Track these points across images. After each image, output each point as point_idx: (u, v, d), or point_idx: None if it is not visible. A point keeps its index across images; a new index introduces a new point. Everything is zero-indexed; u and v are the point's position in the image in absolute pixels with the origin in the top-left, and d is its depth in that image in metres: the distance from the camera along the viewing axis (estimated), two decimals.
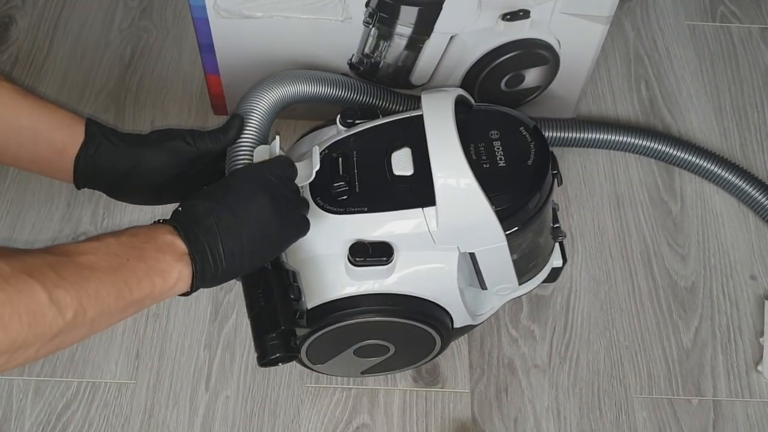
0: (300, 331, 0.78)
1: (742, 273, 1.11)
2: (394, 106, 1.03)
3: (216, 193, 0.74)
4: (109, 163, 0.81)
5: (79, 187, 0.83)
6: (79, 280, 0.62)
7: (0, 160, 0.81)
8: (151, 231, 0.70)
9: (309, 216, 0.82)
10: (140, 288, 0.66)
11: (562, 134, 1.14)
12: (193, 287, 0.71)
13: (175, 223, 0.71)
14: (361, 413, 0.99)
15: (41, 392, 0.98)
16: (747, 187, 1.13)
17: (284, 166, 0.80)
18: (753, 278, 1.10)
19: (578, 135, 1.15)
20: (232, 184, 0.75)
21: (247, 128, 0.86)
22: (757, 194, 1.12)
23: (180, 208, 0.73)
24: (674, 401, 1.01)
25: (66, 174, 0.82)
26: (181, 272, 0.69)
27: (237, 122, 0.86)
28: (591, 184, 1.18)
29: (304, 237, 0.82)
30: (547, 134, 1.14)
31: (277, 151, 0.82)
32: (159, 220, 0.73)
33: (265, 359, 0.75)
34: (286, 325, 0.75)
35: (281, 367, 1.01)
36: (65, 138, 0.80)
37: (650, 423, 0.99)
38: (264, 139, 0.87)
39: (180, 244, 0.69)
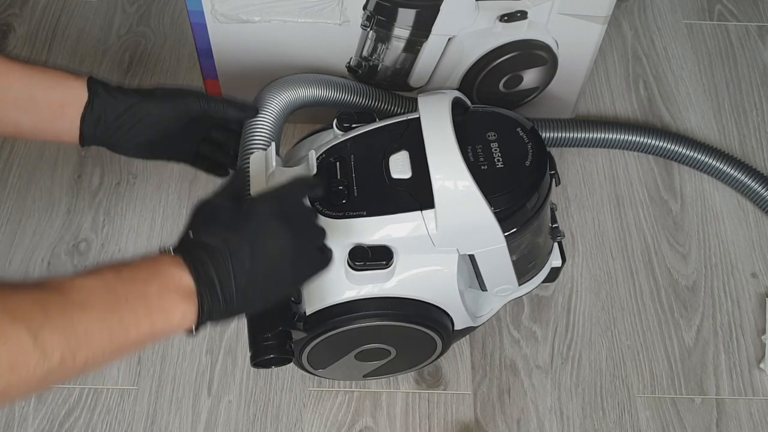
0: (297, 335, 0.78)
1: (743, 271, 1.11)
2: (402, 111, 1.03)
3: (232, 222, 0.68)
4: (115, 119, 0.80)
5: (83, 145, 0.80)
6: (69, 321, 0.57)
7: (3, 131, 0.79)
8: (156, 265, 0.63)
9: None
10: (138, 329, 0.61)
11: (561, 134, 1.14)
12: (198, 326, 0.65)
13: (185, 255, 0.65)
14: (363, 416, 0.99)
15: (43, 399, 0.98)
16: (746, 179, 1.13)
17: (307, 189, 0.75)
18: (754, 276, 1.10)
19: (576, 135, 1.15)
20: (250, 214, 0.68)
21: (263, 127, 0.87)
22: (756, 186, 1.12)
23: (191, 235, 0.67)
24: (677, 400, 1.01)
25: (69, 134, 0.79)
26: (185, 312, 0.63)
27: (253, 111, 0.87)
28: (591, 184, 1.18)
29: None
30: (546, 135, 1.14)
31: (273, 158, 0.82)
32: (166, 249, 0.66)
33: (258, 359, 0.75)
34: (283, 326, 0.75)
35: (283, 371, 1.01)
36: (63, 96, 0.78)
37: (653, 422, 0.99)
38: (277, 139, 0.88)
39: (188, 281, 0.63)
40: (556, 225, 0.93)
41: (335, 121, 0.90)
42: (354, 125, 0.89)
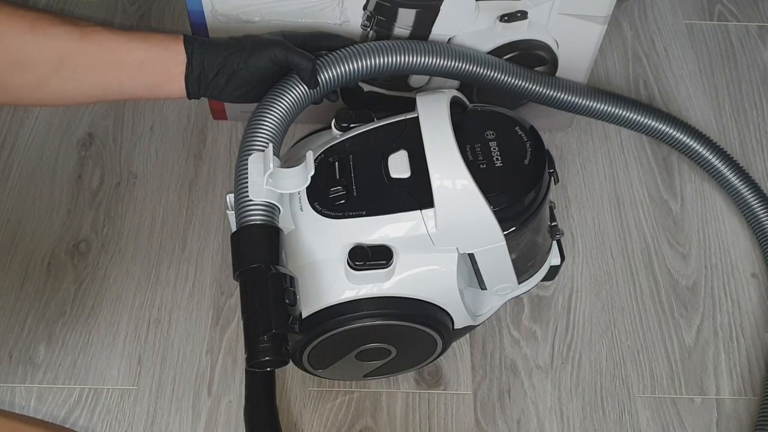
0: (292, 338, 0.78)
1: (743, 271, 1.11)
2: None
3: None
4: (213, 76, 0.86)
5: (190, 99, 0.88)
6: None
7: (121, 97, 0.88)
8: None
9: (306, 220, 0.82)
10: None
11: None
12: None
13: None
14: (363, 416, 0.99)
15: (44, 399, 0.98)
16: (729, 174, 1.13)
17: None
18: (754, 276, 1.10)
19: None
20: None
21: (263, 129, 0.86)
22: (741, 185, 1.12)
23: None
24: (677, 400, 1.01)
25: (178, 92, 0.87)
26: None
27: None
28: (591, 184, 1.18)
29: (303, 242, 0.82)
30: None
31: (271, 158, 0.82)
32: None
33: (253, 361, 0.75)
34: (277, 329, 0.74)
35: (283, 372, 1.01)
36: (168, 61, 0.85)
37: (653, 423, 0.99)
38: (279, 140, 0.87)
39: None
40: (554, 223, 0.93)
41: (333, 121, 0.90)
42: (352, 125, 0.89)
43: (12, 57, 0.80)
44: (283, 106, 0.87)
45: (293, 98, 0.87)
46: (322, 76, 0.88)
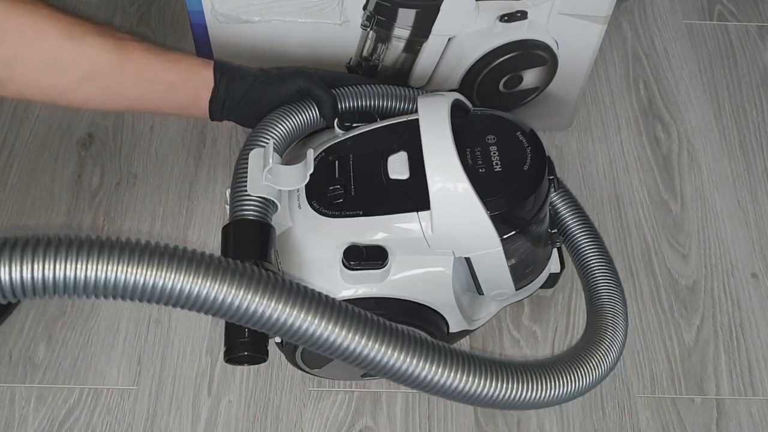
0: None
1: (743, 271, 1.11)
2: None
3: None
4: (237, 101, 0.90)
5: (213, 120, 0.92)
6: None
7: (147, 111, 0.97)
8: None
9: (303, 218, 0.82)
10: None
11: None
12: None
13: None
14: (363, 416, 0.99)
15: (43, 399, 0.98)
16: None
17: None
18: (754, 276, 1.10)
19: None
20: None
21: (269, 127, 0.87)
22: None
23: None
24: (677, 400, 1.01)
25: (202, 113, 0.91)
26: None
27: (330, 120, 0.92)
28: (591, 184, 1.18)
29: (299, 240, 0.83)
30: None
31: (271, 154, 0.82)
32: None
33: (230, 355, 0.75)
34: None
35: (283, 371, 1.01)
36: (197, 84, 0.89)
37: (653, 422, 0.99)
38: (287, 141, 0.88)
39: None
40: (555, 230, 0.93)
41: (336, 119, 0.90)
42: (355, 124, 0.89)
43: (45, 56, 0.82)
44: (296, 118, 0.88)
45: (308, 116, 0.89)
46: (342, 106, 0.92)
